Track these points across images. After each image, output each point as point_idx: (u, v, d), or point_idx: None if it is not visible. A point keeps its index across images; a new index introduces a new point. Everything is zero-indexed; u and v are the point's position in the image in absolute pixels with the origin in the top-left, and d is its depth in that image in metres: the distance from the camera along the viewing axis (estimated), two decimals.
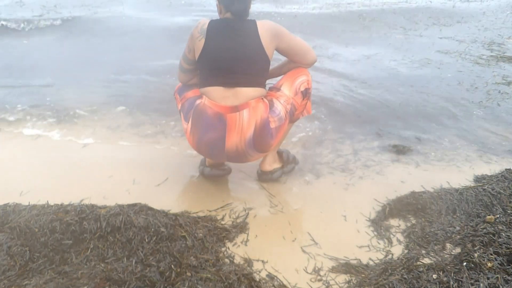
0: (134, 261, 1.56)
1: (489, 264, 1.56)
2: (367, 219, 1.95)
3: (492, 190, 2.05)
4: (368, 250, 1.76)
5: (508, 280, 1.49)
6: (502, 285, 1.47)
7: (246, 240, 1.80)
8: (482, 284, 1.47)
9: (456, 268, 1.56)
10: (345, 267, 1.65)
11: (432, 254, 1.70)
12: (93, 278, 1.47)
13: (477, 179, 2.23)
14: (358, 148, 2.60)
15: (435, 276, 1.53)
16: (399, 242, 1.81)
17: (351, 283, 1.57)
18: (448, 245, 1.75)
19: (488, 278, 1.50)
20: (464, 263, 1.58)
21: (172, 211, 1.90)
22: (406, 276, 1.55)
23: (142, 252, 1.61)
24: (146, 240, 1.67)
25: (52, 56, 4.16)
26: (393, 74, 3.84)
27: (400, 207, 2.02)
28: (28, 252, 1.57)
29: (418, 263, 1.64)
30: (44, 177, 2.20)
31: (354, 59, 4.23)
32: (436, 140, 2.71)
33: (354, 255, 1.72)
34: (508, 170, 2.29)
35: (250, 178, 2.26)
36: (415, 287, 1.49)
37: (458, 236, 1.78)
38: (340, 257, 1.71)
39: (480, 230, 1.78)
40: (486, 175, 2.26)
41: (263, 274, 1.61)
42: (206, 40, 1.84)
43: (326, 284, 1.57)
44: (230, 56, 1.83)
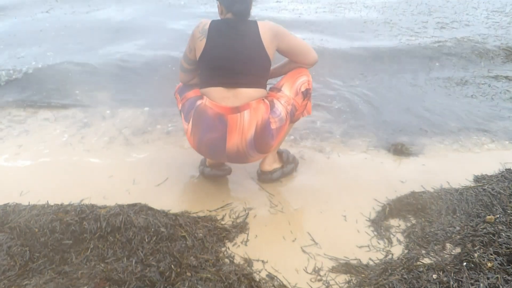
0: (134, 261, 1.56)
1: (489, 264, 1.56)
2: (367, 219, 1.95)
3: (492, 190, 2.05)
4: (368, 250, 1.76)
5: (508, 280, 1.49)
6: (502, 285, 1.47)
7: (246, 240, 1.80)
8: (482, 284, 1.47)
9: (456, 268, 1.56)
10: (345, 267, 1.65)
11: (432, 254, 1.70)
12: (93, 278, 1.47)
13: (477, 179, 2.23)
14: (358, 148, 2.61)
15: (435, 276, 1.53)
16: (399, 242, 1.81)
17: (351, 283, 1.57)
18: (448, 245, 1.75)
19: (488, 278, 1.50)
20: (464, 263, 1.58)
21: (172, 211, 1.90)
22: (406, 276, 1.55)
23: (142, 252, 1.61)
24: (146, 240, 1.67)
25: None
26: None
27: (400, 207, 2.02)
28: (28, 252, 1.57)
29: (418, 263, 1.64)
30: (44, 177, 2.20)
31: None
32: (436, 140, 2.71)
33: (354, 255, 1.72)
34: (508, 170, 2.29)
35: (250, 178, 2.26)
36: (415, 287, 1.49)
37: (458, 236, 1.78)
38: (340, 257, 1.71)
39: (480, 230, 1.78)
40: (486, 175, 2.26)
41: (263, 274, 1.61)
42: (207, 40, 1.84)
43: (326, 284, 1.57)
44: (231, 56, 1.83)
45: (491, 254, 1.60)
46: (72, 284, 1.45)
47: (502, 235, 1.71)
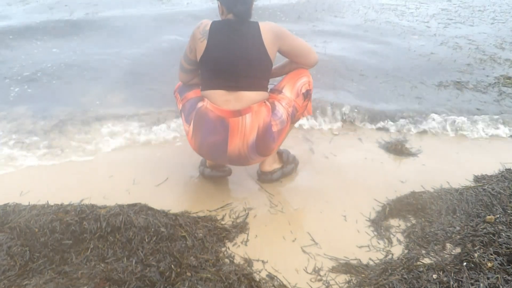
0: (134, 261, 1.56)
1: (489, 264, 1.56)
2: (367, 219, 1.95)
3: (492, 190, 2.05)
4: (368, 250, 1.76)
5: (508, 280, 1.49)
6: (502, 285, 1.47)
7: (246, 240, 1.80)
8: (482, 284, 1.47)
9: (456, 268, 1.56)
10: (345, 267, 1.65)
11: (432, 254, 1.70)
12: (93, 278, 1.47)
13: (477, 179, 2.23)
14: (358, 148, 2.61)
15: (435, 276, 1.53)
16: (399, 242, 1.81)
17: (351, 283, 1.57)
18: (448, 245, 1.75)
19: (488, 278, 1.50)
20: (464, 263, 1.58)
21: (172, 211, 1.90)
22: (406, 276, 1.55)
23: (142, 252, 1.61)
24: (146, 240, 1.67)
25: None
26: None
27: (400, 207, 2.02)
28: (28, 252, 1.57)
29: (418, 263, 1.64)
30: (44, 177, 2.20)
31: None
32: (437, 140, 2.71)
33: (354, 255, 1.72)
34: (508, 170, 2.29)
35: (250, 178, 2.26)
36: (415, 287, 1.49)
37: (458, 236, 1.78)
38: (340, 257, 1.71)
39: (480, 230, 1.78)
40: (486, 175, 2.26)
41: (263, 274, 1.61)
42: (208, 42, 1.82)
43: (326, 284, 1.57)
44: (233, 59, 1.81)
45: (491, 254, 1.60)
46: (72, 284, 1.45)
47: (502, 235, 1.71)
